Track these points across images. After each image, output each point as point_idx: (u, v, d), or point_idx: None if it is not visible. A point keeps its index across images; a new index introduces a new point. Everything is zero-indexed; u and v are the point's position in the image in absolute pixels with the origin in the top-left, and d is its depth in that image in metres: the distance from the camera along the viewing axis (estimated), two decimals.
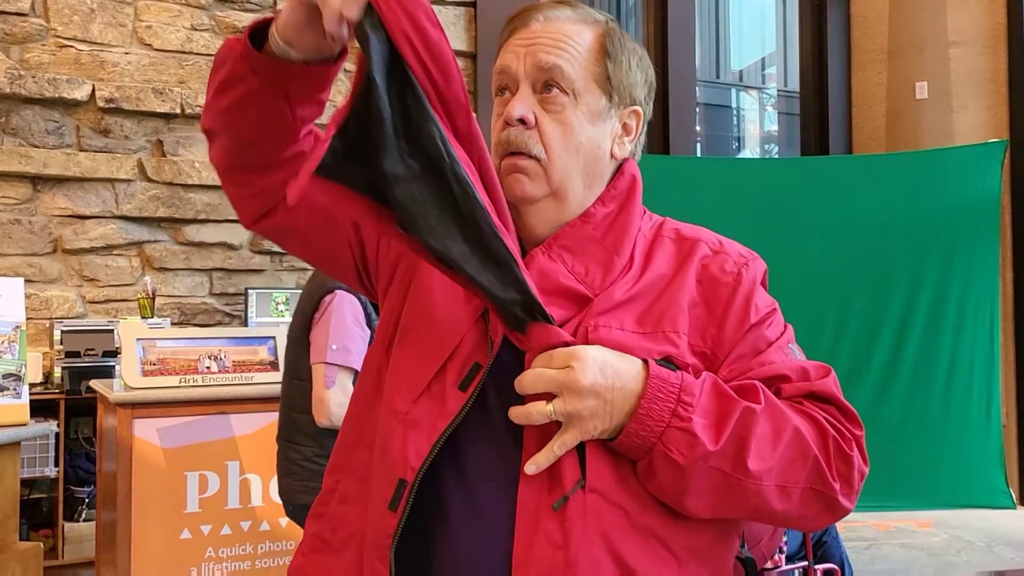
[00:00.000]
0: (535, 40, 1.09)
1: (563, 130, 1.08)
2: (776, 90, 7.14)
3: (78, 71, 4.54)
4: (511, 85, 1.10)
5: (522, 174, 1.07)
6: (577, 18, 1.12)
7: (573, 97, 1.08)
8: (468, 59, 5.51)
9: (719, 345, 1.05)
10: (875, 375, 5.07)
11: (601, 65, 1.10)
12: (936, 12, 5.38)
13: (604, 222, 1.10)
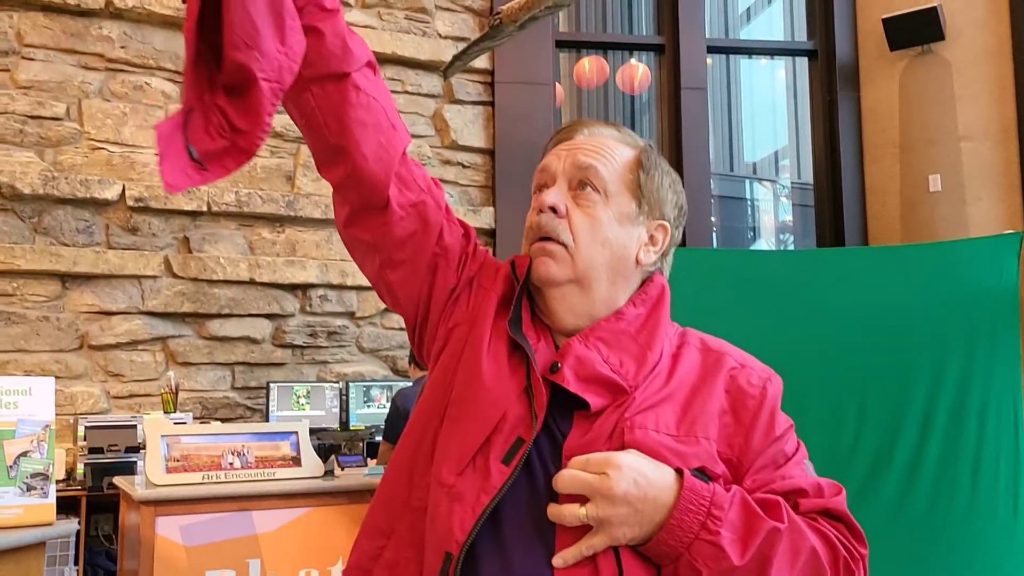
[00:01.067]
0: (577, 146, 1.17)
1: (591, 222, 1.14)
2: (790, 182, 7.23)
3: (109, 172, 4.67)
4: (549, 182, 1.17)
5: (549, 257, 1.13)
6: (619, 137, 1.20)
7: (604, 196, 1.15)
8: (487, 155, 5.64)
9: (745, 454, 1.08)
10: (898, 470, 4.98)
11: (635, 174, 1.17)
12: (946, 107, 5.49)
13: (636, 321, 1.15)
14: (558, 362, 1.08)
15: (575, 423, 1.06)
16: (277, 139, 5.08)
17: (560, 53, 6.43)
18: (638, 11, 7.08)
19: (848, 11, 6.10)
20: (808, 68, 6.39)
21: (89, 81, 4.67)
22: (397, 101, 5.39)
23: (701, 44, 6.10)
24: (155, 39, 4.82)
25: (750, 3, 7.73)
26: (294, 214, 5.02)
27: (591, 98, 7.00)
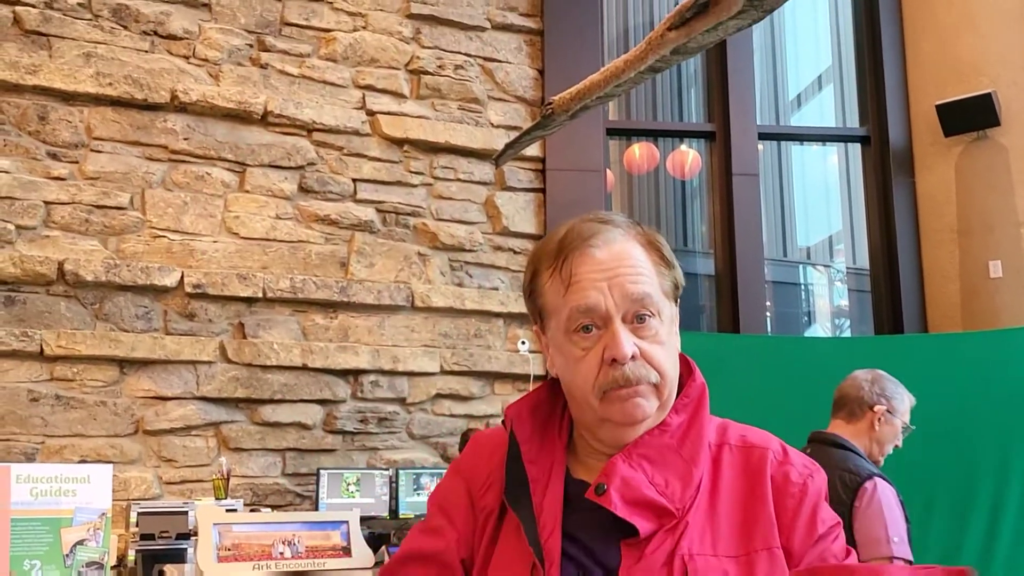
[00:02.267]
0: (614, 272, 1.11)
1: (665, 351, 1.12)
2: (845, 267, 7.14)
3: (169, 259, 4.78)
4: (600, 323, 1.11)
5: (641, 398, 1.09)
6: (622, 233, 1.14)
7: (659, 317, 1.12)
8: (537, 241, 5.66)
9: (788, 554, 1.04)
10: (969, 560, 4.79)
11: (667, 276, 1.15)
12: (1004, 192, 5.41)
13: (679, 431, 1.11)
14: (604, 484, 1.05)
15: (624, 552, 1.03)
16: (332, 226, 5.17)
17: (611, 140, 6.50)
18: (688, 98, 7.15)
19: (900, 97, 6.10)
20: (861, 153, 6.36)
21: (152, 172, 4.82)
22: (450, 188, 5.48)
23: (752, 131, 6.12)
24: (217, 131, 4.97)
25: (800, 89, 7.76)
26: (347, 300, 5.07)
27: (641, 184, 7.04)
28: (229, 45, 5.06)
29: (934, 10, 5.89)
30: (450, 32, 5.66)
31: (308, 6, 5.30)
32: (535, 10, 5.89)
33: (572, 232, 1.14)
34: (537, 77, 5.85)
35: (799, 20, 7.50)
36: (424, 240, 5.39)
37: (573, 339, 1.11)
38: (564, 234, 1.15)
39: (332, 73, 5.30)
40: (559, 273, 1.12)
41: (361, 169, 5.30)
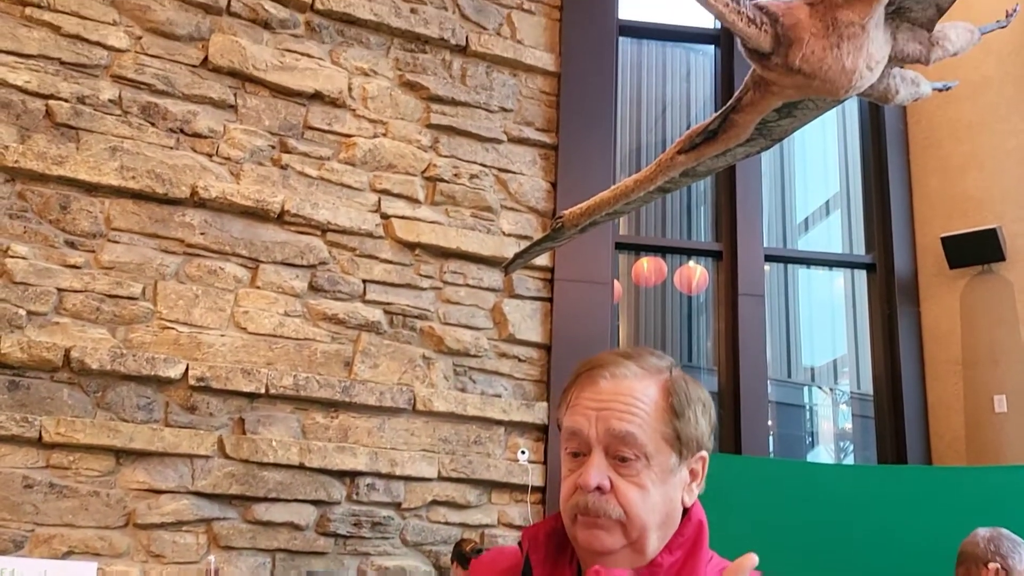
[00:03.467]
0: (606, 404, 1.13)
1: (640, 493, 1.11)
2: (849, 392, 7.12)
3: (176, 351, 4.81)
4: (583, 449, 1.14)
5: (600, 529, 1.10)
6: (642, 372, 1.16)
7: (646, 460, 1.12)
8: (543, 350, 5.69)
9: None
10: None
11: (670, 425, 1.14)
12: (1009, 327, 5.44)
13: (671, 571, 1.11)
14: None
15: None
16: (339, 325, 5.20)
17: (620, 254, 6.59)
18: (697, 216, 7.27)
19: (906, 227, 6.19)
20: (867, 280, 6.43)
21: (167, 264, 4.90)
22: (458, 293, 5.54)
23: (759, 252, 6.20)
24: (233, 227, 5.07)
25: (808, 213, 7.88)
26: (349, 400, 5.07)
27: (648, 296, 7.10)
28: (252, 145, 5.20)
29: (941, 145, 6.04)
30: (467, 143, 5.81)
31: (331, 112, 5.46)
32: (551, 126, 6.06)
33: (596, 359, 1.18)
34: (550, 189, 5.97)
35: (808, 146, 7.67)
36: (430, 343, 5.42)
37: (565, 459, 1.15)
38: (591, 359, 1.19)
39: (350, 176, 5.42)
40: (570, 393, 1.17)
41: (372, 271, 5.37)
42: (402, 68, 5.73)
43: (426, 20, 5.80)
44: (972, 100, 5.86)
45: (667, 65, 7.43)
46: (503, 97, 5.97)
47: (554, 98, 6.12)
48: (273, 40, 5.39)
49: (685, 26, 6.77)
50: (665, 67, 7.41)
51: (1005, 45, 5.76)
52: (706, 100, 7.15)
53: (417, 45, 5.80)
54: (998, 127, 5.77)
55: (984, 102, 5.83)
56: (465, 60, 5.92)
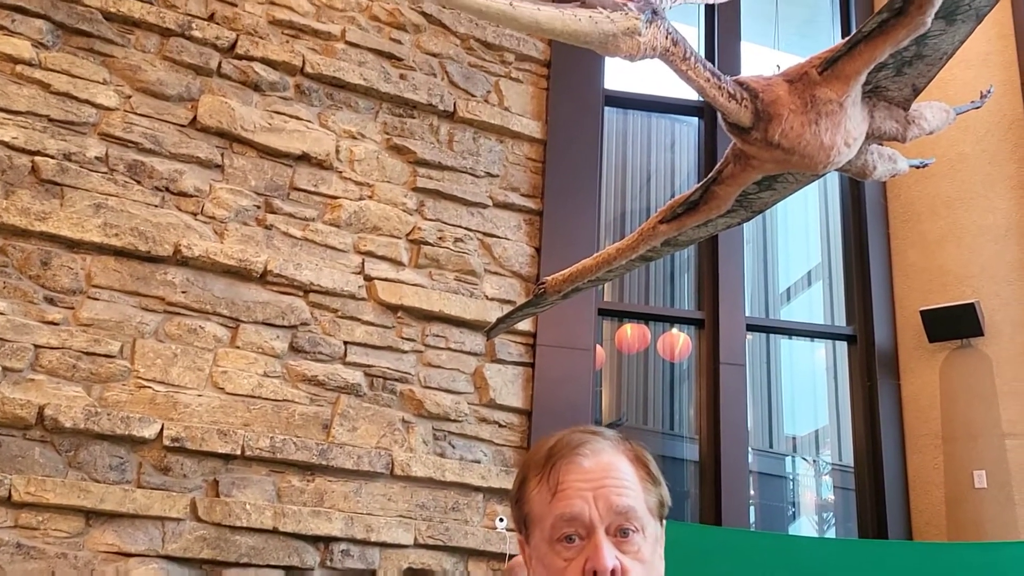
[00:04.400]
0: (601, 482, 1.12)
1: (643, 568, 1.11)
2: (831, 463, 7.10)
3: (151, 410, 4.75)
4: (583, 532, 1.11)
5: None
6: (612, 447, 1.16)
7: (643, 533, 1.12)
8: (524, 415, 5.66)
9: None
10: None
11: (653, 494, 1.15)
12: (988, 402, 5.46)
13: None
14: None
15: None
16: (318, 387, 5.17)
17: (603, 320, 6.60)
18: (680, 284, 7.30)
19: (886, 300, 6.24)
20: (848, 351, 6.45)
21: (146, 322, 4.87)
22: (440, 357, 5.52)
23: (740, 321, 6.23)
24: (215, 286, 5.06)
25: (791, 283, 7.93)
26: (326, 463, 5.01)
27: (631, 363, 7.09)
28: (237, 205, 5.22)
29: (919, 220, 6.12)
30: (453, 207, 5.85)
31: (318, 174, 5.50)
32: (536, 192, 6.11)
33: (561, 441, 1.16)
34: (534, 254, 6.00)
35: (791, 216, 7.76)
36: (409, 407, 5.38)
37: (556, 549, 1.11)
38: (554, 443, 1.16)
39: (334, 238, 5.43)
40: (546, 480, 1.13)
41: (353, 332, 5.35)
42: (390, 132, 5.79)
43: (415, 86, 5.88)
44: (950, 176, 5.96)
45: (652, 134, 7.53)
46: (489, 162, 6.03)
47: (540, 164, 6.19)
48: (262, 102, 5.45)
49: (670, 97, 6.88)
50: (650, 136, 7.51)
51: (981, 124, 5.88)
52: (690, 169, 7.24)
53: (405, 110, 5.87)
54: (975, 203, 5.86)
55: (961, 179, 5.93)
56: (452, 126, 5.99)
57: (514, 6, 2.29)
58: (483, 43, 6.23)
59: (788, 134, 2.93)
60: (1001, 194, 5.86)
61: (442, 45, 6.10)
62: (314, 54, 5.65)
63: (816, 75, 2.93)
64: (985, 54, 6.05)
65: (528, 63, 6.36)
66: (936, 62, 3.13)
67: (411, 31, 6.03)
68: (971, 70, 5.98)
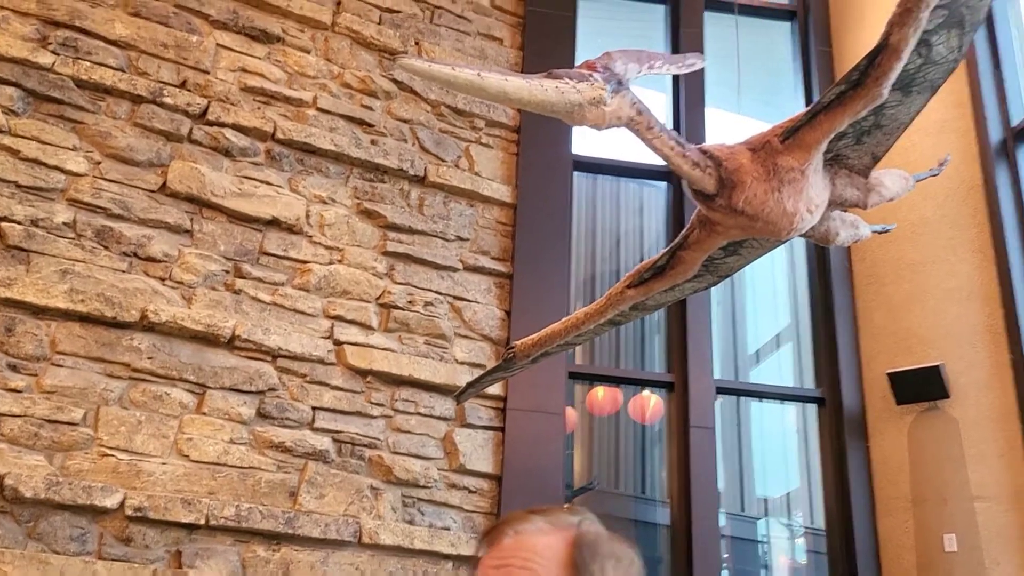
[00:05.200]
0: (506, 561, 1.11)
1: None
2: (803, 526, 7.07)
3: (114, 479, 4.66)
4: None
5: None
6: (548, 528, 1.14)
7: None
8: (494, 481, 5.61)
9: None
10: None
11: None
12: (957, 464, 5.48)
13: None
14: None
15: None
16: (286, 454, 5.10)
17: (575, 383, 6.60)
18: (650, 347, 7.33)
19: (853, 362, 6.29)
20: (817, 414, 6.47)
21: (111, 389, 4.80)
22: (409, 422, 5.47)
23: (710, 384, 6.24)
24: (182, 352, 5.01)
25: (760, 345, 7.99)
26: (292, 532, 4.92)
27: (603, 425, 7.08)
28: (206, 270, 5.20)
29: (884, 283, 6.21)
30: (423, 270, 5.86)
31: (288, 238, 5.50)
32: (506, 255, 6.14)
33: (508, 515, 1.17)
34: (504, 318, 6.00)
35: (759, 278, 7.85)
36: (378, 473, 5.32)
37: None
38: (495, 523, 1.17)
39: (303, 302, 5.42)
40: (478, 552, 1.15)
41: (322, 398, 5.30)
42: (360, 196, 5.82)
43: (385, 151, 5.94)
44: (912, 240, 6.07)
45: (621, 198, 7.63)
46: (459, 226, 6.06)
47: (510, 228, 6.24)
48: (233, 167, 5.47)
49: (638, 162, 6.99)
50: (619, 200, 7.61)
51: (942, 189, 6.01)
52: (659, 233, 7.32)
53: (376, 175, 5.91)
54: (938, 267, 5.96)
55: (924, 242, 6.04)
56: (423, 190, 6.03)
57: (481, 76, 2.33)
58: (453, 109, 6.32)
59: (752, 201, 2.99)
60: (963, 258, 5.96)
61: (413, 111, 6.18)
62: (285, 120, 5.69)
63: (778, 144, 3.00)
64: (943, 122, 6.22)
65: (498, 129, 6.45)
66: (894, 131, 3.22)
67: (382, 98, 6.11)
68: (930, 137, 6.13)
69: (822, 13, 7.47)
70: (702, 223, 3.38)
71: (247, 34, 5.78)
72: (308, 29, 6.02)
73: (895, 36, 2.65)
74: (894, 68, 2.71)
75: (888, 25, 2.64)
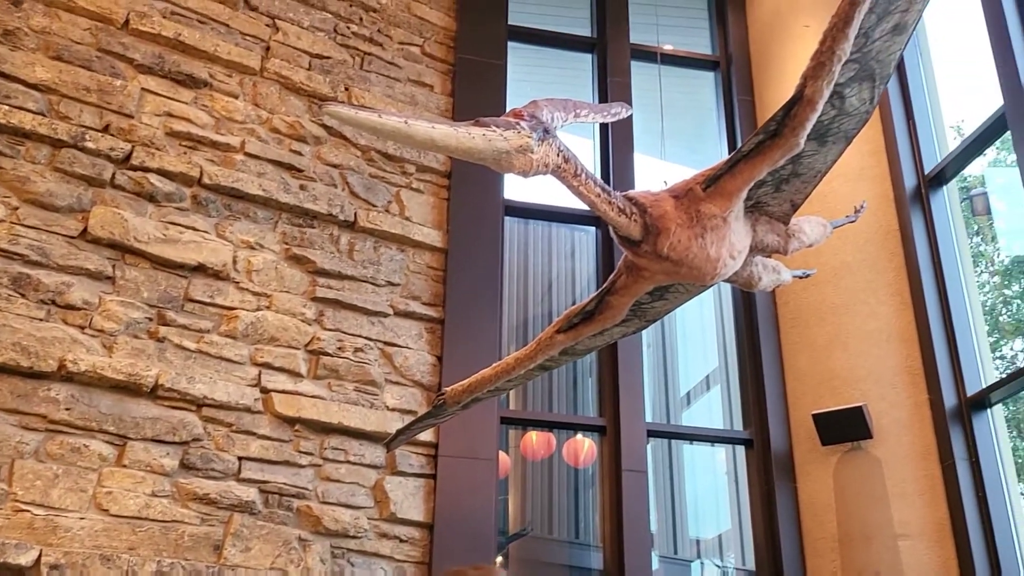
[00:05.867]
0: None
1: None
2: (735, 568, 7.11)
3: (29, 536, 4.48)
4: None
5: None
6: None
7: None
8: (425, 529, 5.53)
9: None
10: None
11: None
12: (880, 503, 5.58)
13: None
14: None
15: None
16: (210, 506, 4.96)
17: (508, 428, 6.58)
18: (583, 390, 7.35)
19: (780, 404, 6.40)
20: (746, 455, 6.55)
21: (26, 442, 4.63)
22: (339, 471, 5.38)
23: (641, 428, 6.28)
24: (102, 402, 4.86)
25: (690, 387, 8.07)
26: None
27: (536, 470, 7.05)
28: (128, 317, 5.08)
29: (808, 326, 6.35)
30: (353, 316, 5.81)
31: (214, 284, 5.40)
32: (437, 300, 6.13)
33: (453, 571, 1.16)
34: (435, 363, 5.97)
35: (688, 321, 7.95)
36: (307, 524, 5.20)
37: None
38: None
39: (230, 350, 5.32)
40: None
41: (248, 447, 5.19)
42: (289, 242, 5.76)
43: (315, 196, 5.90)
44: (834, 284, 6.22)
45: (552, 243, 7.69)
46: (390, 272, 6.04)
47: (441, 273, 6.23)
48: (157, 213, 5.37)
49: (568, 207, 7.06)
50: (551, 245, 7.67)
51: (861, 234, 6.19)
52: (590, 277, 7.39)
53: (305, 220, 5.87)
54: (859, 309, 6.12)
55: (845, 286, 6.20)
56: (353, 235, 6.00)
57: (408, 124, 2.34)
58: (384, 154, 6.32)
59: (676, 247, 3.04)
60: (882, 300, 6.13)
61: (343, 156, 6.17)
62: (212, 165, 5.63)
63: (700, 191, 3.07)
64: (860, 169, 6.43)
65: (429, 174, 6.47)
66: (811, 180, 3.32)
67: (312, 143, 6.08)
68: (848, 184, 6.33)
69: (744, 64, 7.69)
70: (629, 268, 3.43)
71: (173, 78, 5.72)
72: (236, 74, 5.99)
73: (809, 88, 2.74)
74: (809, 119, 2.80)
75: (802, 78, 2.73)
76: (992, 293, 9.24)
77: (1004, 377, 5.60)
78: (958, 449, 5.51)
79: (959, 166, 6.24)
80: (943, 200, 6.26)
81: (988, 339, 6.25)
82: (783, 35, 7.20)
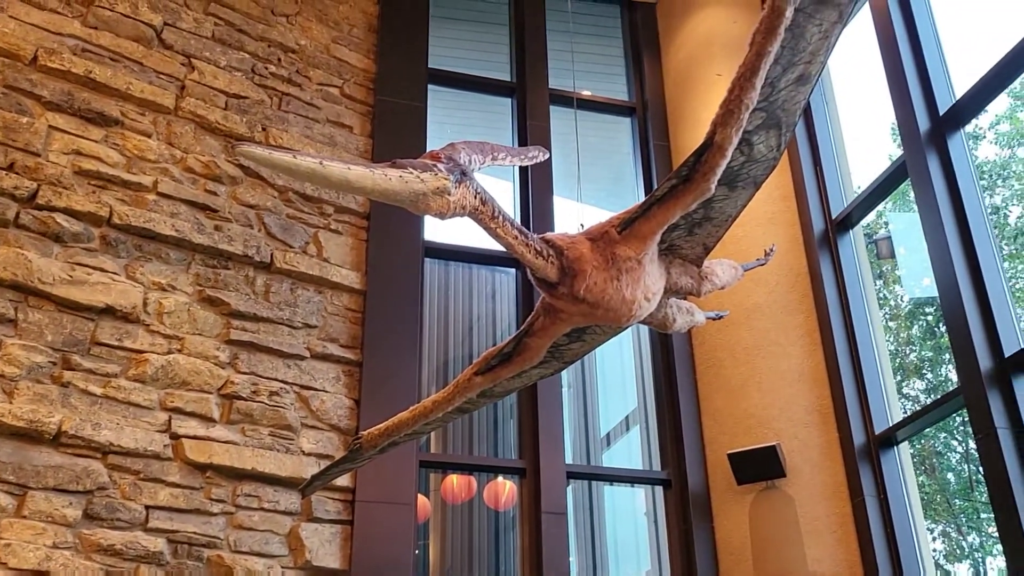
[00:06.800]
0: None
1: None
2: None
3: None
4: None
5: None
6: None
7: None
8: None
9: None
10: None
11: None
12: (794, 542, 5.67)
13: None
14: None
15: None
16: (115, 557, 4.78)
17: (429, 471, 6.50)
18: (504, 432, 7.32)
19: (697, 444, 6.47)
20: (664, 495, 6.59)
21: None
22: (252, 518, 5.23)
23: (561, 469, 6.27)
24: (2, 450, 4.65)
25: (610, 428, 8.11)
26: None
27: (457, 513, 6.97)
28: (30, 362, 4.88)
29: (723, 366, 6.46)
30: (268, 359, 5.69)
31: (123, 327, 5.25)
32: (356, 343, 6.06)
33: None
34: (353, 407, 5.89)
35: (608, 361, 8.01)
36: (218, 574, 5.04)
37: None
38: None
39: (138, 394, 5.15)
40: None
41: (157, 495, 5.01)
42: (202, 283, 5.64)
43: (230, 237, 5.80)
44: (747, 325, 6.36)
45: (473, 284, 7.68)
46: (307, 313, 5.95)
47: (359, 315, 6.17)
48: (64, 253, 5.21)
49: (489, 249, 7.07)
50: (471, 286, 7.66)
51: (772, 276, 6.35)
52: (511, 318, 7.40)
53: (220, 261, 5.76)
54: (771, 350, 6.25)
55: (757, 327, 6.34)
56: (269, 277, 5.91)
57: (324, 165, 2.32)
58: (301, 195, 6.26)
59: (592, 289, 3.07)
60: (793, 341, 6.28)
61: (259, 197, 6.08)
62: (123, 205, 5.49)
63: (616, 234, 3.11)
64: (771, 213, 6.61)
65: (347, 215, 6.42)
66: (723, 223, 3.40)
67: (227, 183, 5.99)
68: (760, 228, 6.50)
69: (659, 109, 7.88)
70: (546, 310, 3.45)
71: (83, 116, 5.58)
72: (150, 112, 5.87)
73: (719, 135, 2.81)
74: (719, 164, 2.87)
75: (712, 124, 2.80)
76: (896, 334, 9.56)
77: (909, 415, 5.77)
78: (867, 486, 5.65)
79: (864, 211, 6.46)
80: (850, 243, 6.47)
81: (894, 379, 6.44)
82: (697, 82, 7.40)
